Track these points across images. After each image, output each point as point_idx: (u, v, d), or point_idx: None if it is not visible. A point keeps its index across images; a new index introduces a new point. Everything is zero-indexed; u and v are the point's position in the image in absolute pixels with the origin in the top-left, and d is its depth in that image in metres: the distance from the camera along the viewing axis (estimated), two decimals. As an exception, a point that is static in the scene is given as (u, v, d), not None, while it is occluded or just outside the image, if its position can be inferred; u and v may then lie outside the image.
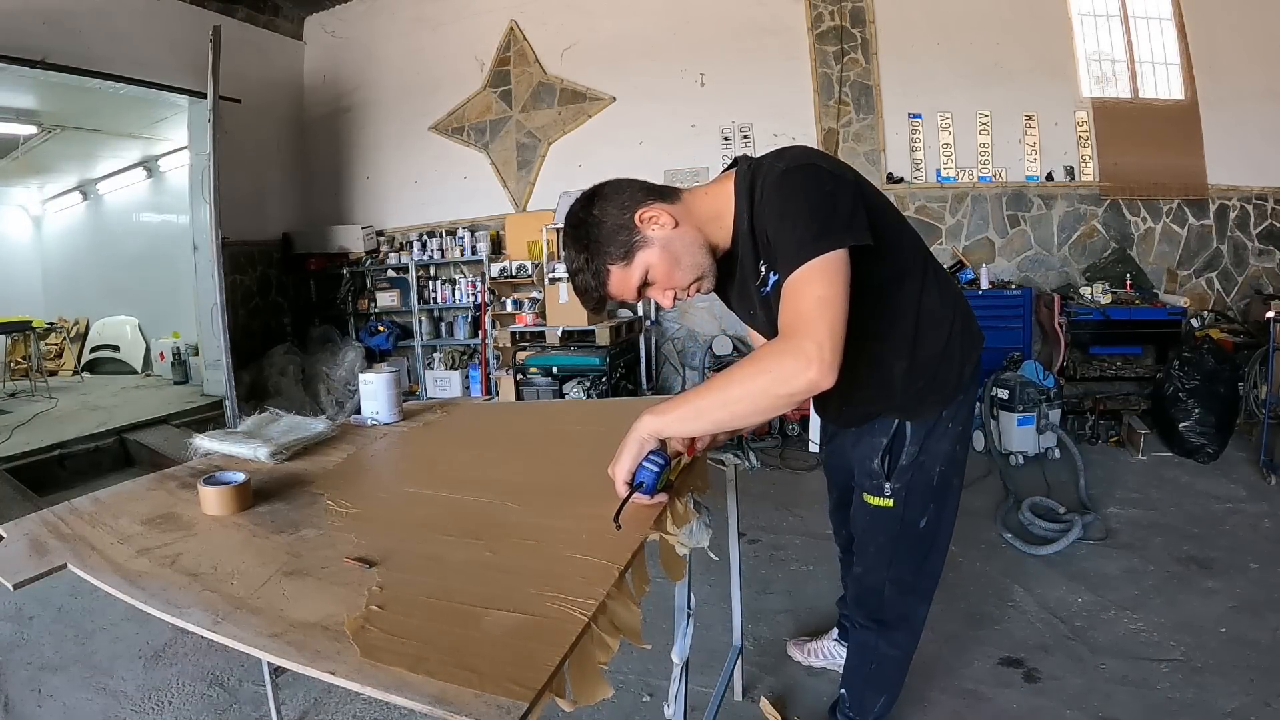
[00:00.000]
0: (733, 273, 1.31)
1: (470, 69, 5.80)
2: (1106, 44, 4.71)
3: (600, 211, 1.23)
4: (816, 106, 4.94)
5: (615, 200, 1.24)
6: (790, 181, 1.15)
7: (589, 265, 1.23)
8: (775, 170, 1.18)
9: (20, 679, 2.23)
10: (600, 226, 1.22)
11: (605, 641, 0.83)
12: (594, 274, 1.24)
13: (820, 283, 1.05)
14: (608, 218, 1.22)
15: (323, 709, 2.01)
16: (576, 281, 1.28)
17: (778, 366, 1.04)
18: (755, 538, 3.00)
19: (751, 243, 1.23)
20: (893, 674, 1.62)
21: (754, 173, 1.22)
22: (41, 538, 1.14)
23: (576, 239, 1.25)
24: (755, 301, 1.29)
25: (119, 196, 7.60)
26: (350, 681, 0.74)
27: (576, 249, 1.25)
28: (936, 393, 1.36)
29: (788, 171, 1.16)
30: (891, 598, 1.53)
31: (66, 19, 4.46)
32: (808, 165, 1.16)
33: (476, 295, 5.78)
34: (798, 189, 1.13)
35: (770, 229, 1.15)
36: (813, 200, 1.11)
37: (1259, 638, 2.13)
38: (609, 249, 1.22)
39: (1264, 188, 4.54)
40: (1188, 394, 3.74)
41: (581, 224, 1.25)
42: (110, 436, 4.61)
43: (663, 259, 1.21)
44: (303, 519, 1.18)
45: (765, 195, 1.17)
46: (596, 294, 1.27)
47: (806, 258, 1.06)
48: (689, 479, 1.28)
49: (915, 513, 1.43)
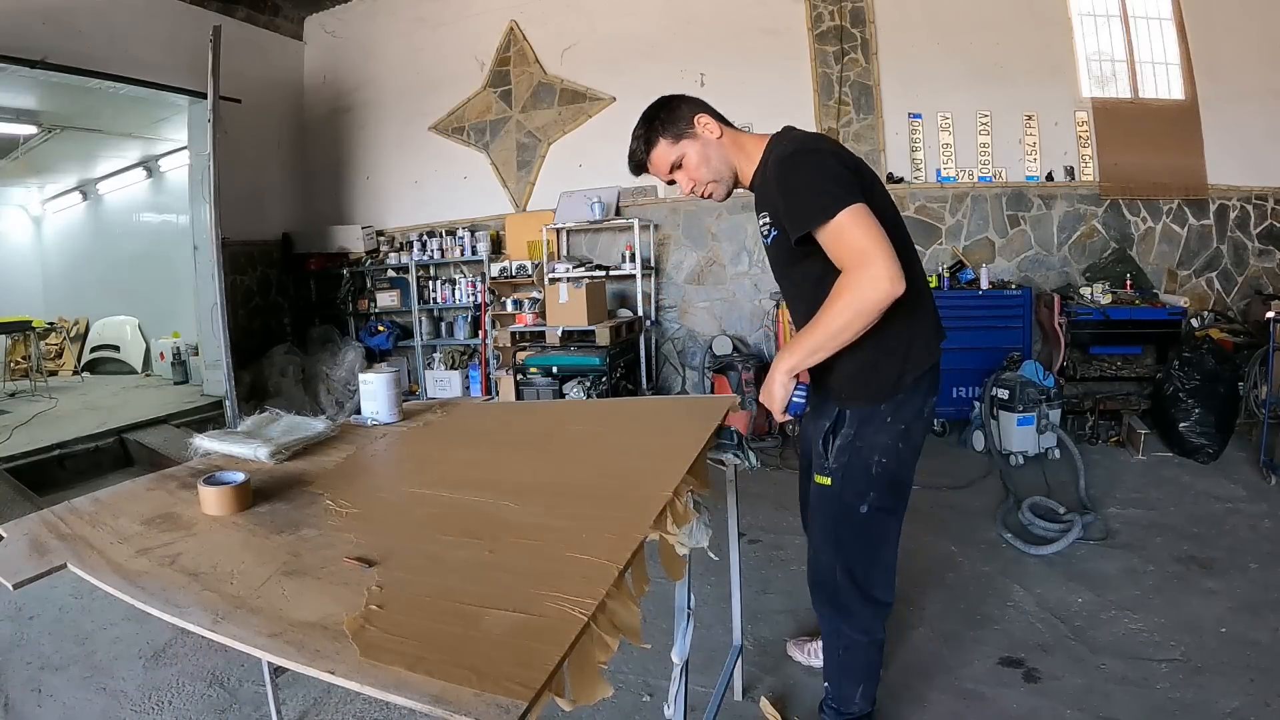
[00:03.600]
0: None
1: (470, 69, 5.80)
2: (1106, 44, 4.71)
3: (678, 103, 1.60)
4: (816, 106, 4.94)
5: (690, 104, 1.60)
6: (794, 161, 1.42)
7: (645, 134, 1.59)
8: (779, 152, 1.48)
9: (20, 679, 2.23)
10: (672, 111, 1.58)
11: (605, 641, 0.83)
12: (645, 141, 1.59)
13: (852, 226, 1.31)
14: (678, 110, 1.59)
15: (323, 709, 2.01)
16: (631, 145, 1.62)
17: (859, 297, 1.30)
18: (755, 538, 3.00)
19: (760, 199, 1.56)
20: (863, 660, 1.66)
21: (770, 149, 1.53)
22: (41, 538, 1.14)
23: (647, 117, 1.60)
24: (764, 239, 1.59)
25: (119, 196, 7.60)
26: (350, 681, 0.74)
27: (644, 121, 1.60)
28: (875, 385, 1.52)
29: (795, 153, 1.43)
30: (845, 585, 1.60)
31: (66, 19, 4.46)
32: (810, 150, 1.43)
33: (476, 295, 5.78)
34: (801, 166, 1.41)
35: (778, 186, 1.43)
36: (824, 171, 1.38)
37: (1259, 638, 2.13)
38: (665, 129, 1.58)
39: (1264, 188, 4.54)
40: (1188, 394, 3.74)
41: (659, 106, 1.61)
42: (110, 436, 4.61)
43: (698, 154, 1.57)
44: (303, 519, 1.18)
45: (774, 168, 1.46)
46: (640, 156, 1.61)
47: (832, 213, 1.32)
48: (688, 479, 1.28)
49: (854, 496, 1.55)
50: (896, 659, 2.13)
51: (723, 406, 1.71)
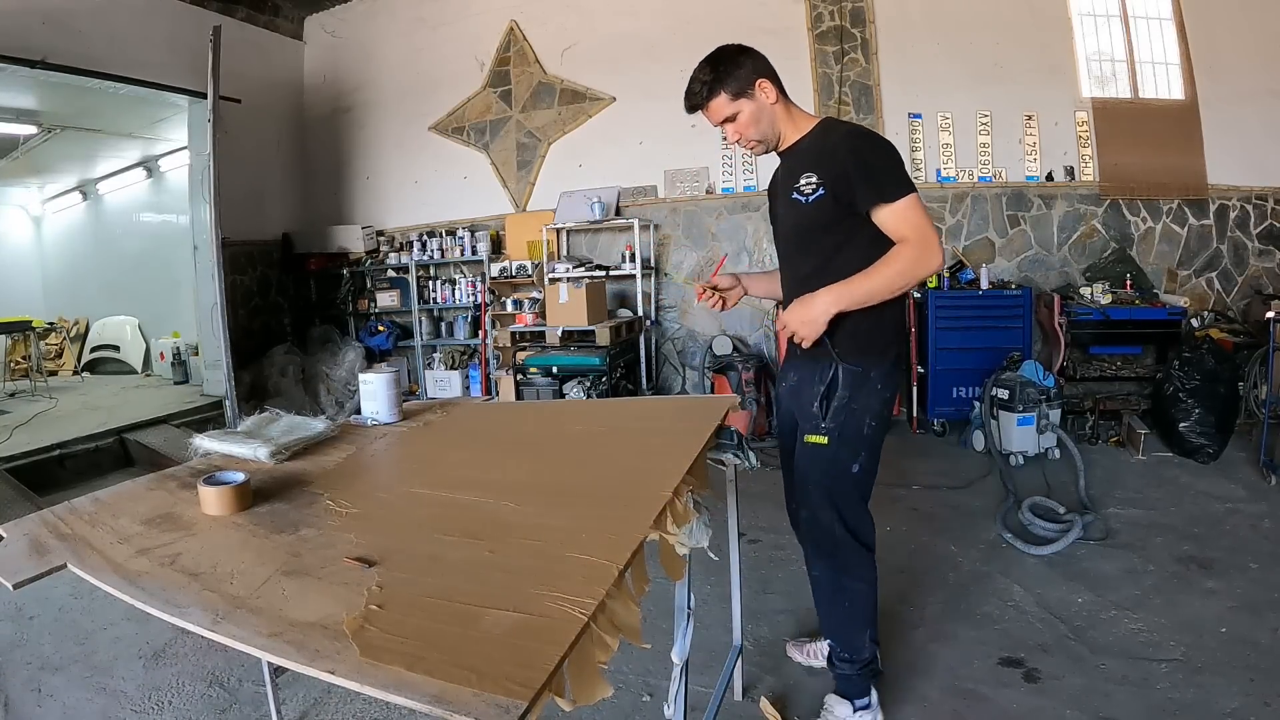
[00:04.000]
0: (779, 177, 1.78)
1: (470, 69, 5.80)
2: (1106, 44, 4.71)
3: (745, 60, 1.65)
4: (816, 106, 4.94)
5: (756, 63, 1.66)
6: (874, 140, 1.65)
7: (710, 80, 1.64)
8: (850, 127, 1.71)
9: (20, 679, 2.23)
10: (738, 68, 1.64)
11: (605, 641, 0.83)
12: (708, 88, 1.65)
13: (916, 209, 1.55)
14: (744, 67, 1.64)
15: (323, 709, 2.01)
16: (692, 86, 1.67)
17: (920, 264, 1.54)
18: (755, 538, 3.00)
19: (806, 162, 1.65)
20: (865, 605, 1.77)
21: (832, 124, 1.71)
22: (41, 538, 1.14)
23: (715, 62, 1.65)
24: (786, 201, 1.70)
25: (119, 196, 7.60)
26: (350, 681, 0.74)
27: (711, 67, 1.65)
28: (868, 350, 1.67)
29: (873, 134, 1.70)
30: (844, 539, 1.72)
31: (66, 19, 4.46)
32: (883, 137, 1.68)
33: (476, 295, 5.78)
34: (880, 146, 1.62)
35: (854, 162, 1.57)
36: (898, 158, 1.61)
37: (1259, 638, 2.13)
38: (730, 82, 1.64)
39: (1264, 188, 4.53)
40: (1188, 394, 3.74)
41: (727, 57, 1.65)
42: (110, 436, 4.61)
43: (750, 114, 1.67)
44: (302, 519, 1.18)
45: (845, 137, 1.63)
46: (698, 100, 1.67)
47: (903, 191, 1.54)
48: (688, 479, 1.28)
49: (849, 455, 1.69)
50: (896, 659, 2.13)
51: (723, 406, 1.71)
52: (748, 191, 5.15)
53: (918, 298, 4.58)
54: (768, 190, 1.89)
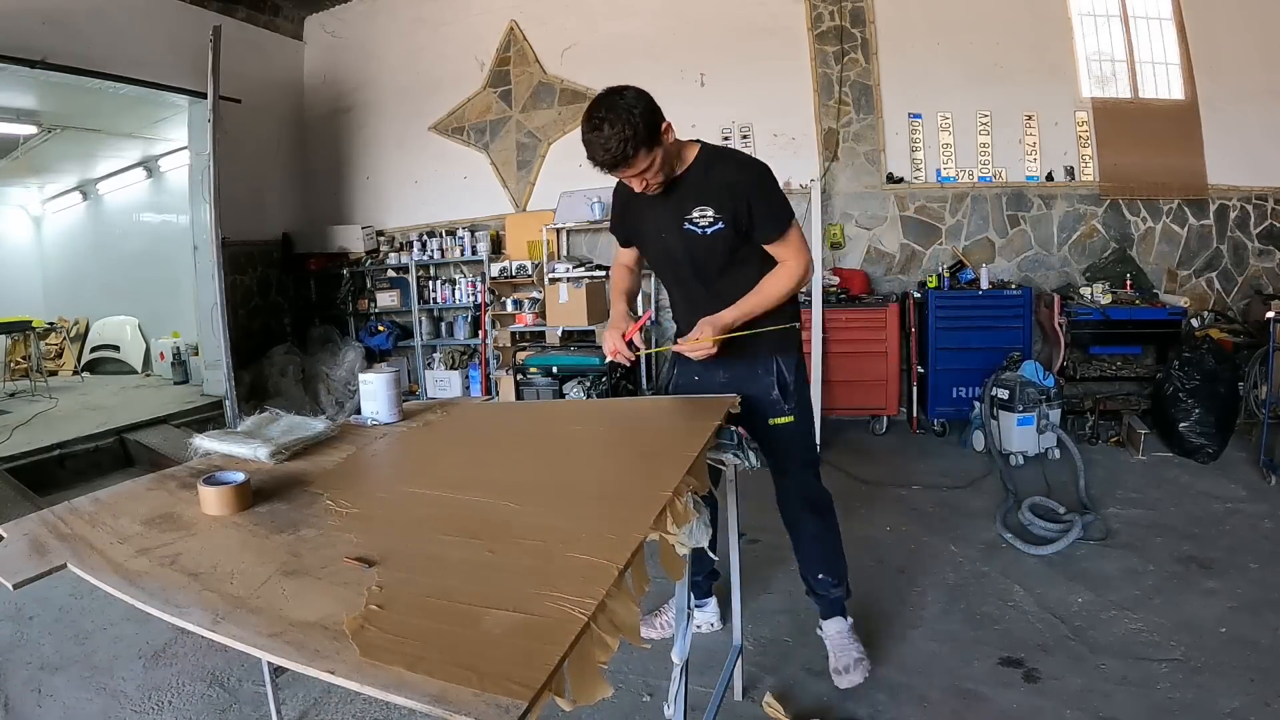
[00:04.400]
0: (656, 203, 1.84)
1: (470, 69, 5.80)
2: (1106, 44, 4.70)
3: (642, 108, 1.65)
4: (816, 106, 4.94)
5: (653, 108, 1.68)
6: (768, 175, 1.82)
7: (630, 137, 1.62)
8: (739, 159, 1.87)
9: (20, 679, 2.23)
10: (644, 118, 1.63)
11: (605, 641, 0.83)
12: (630, 145, 1.63)
13: (799, 233, 1.84)
14: (649, 117, 1.65)
15: (323, 709, 2.01)
16: (610, 144, 1.63)
17: (801, 280, 1.84)
18: (755, 538, 3.00)
19: (699, 193, 1.79)
20: (840, 543, 2.12)
21: (716, 155, 1.84)
22: (41, 538, 1.14)
23: (628, 116, 1.62)
24: (675, 228, 1.83)
25: (119, 196, 7.59)
26: (350, 681, 0.74)
27: (626, 123, 1.61)
28: (794, 340, 1.98)
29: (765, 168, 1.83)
30: (821, 489, 2.09)
31: (66, 19, 4.46)
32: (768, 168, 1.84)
33: (476, 295, 5.78)
34: (773, 180, 1.82)
35: (750, 200, 1.76)
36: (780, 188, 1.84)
37: (1259, 638, 2.13)
38: (647, 138, 1.64)
39: (1264, 188, 4.53)
40: (1188, 394, 3.74)
41: (629, 109, 1.63)
42: (110, 436, 4.61)
43: (661, 160, 1.71)
44: (302, 519, 1.18)
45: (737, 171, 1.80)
46: (620, 158, 1.65)
47: (788, 224, 1.80)
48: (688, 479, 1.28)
49: (807, 423, 2.03)
50: (897, 659, 2.13)
51: (723, 406, 1.71)
52: (748, 191, 5.15)
53: (918, 298, 4.59)
54: (617, 208, 2.00)
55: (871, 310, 4.54)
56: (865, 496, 3.51)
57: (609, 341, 1.88)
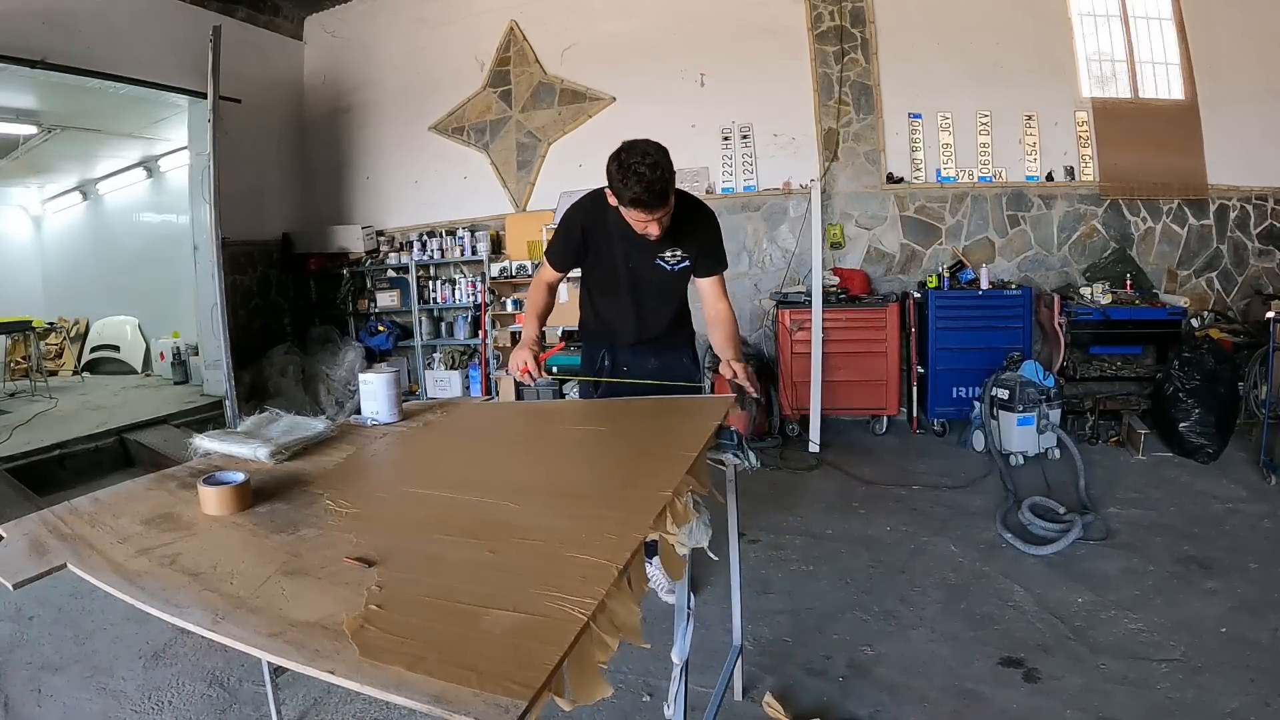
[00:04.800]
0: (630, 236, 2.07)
1: (470, 69, 5.80)
2: (1106, 44, 4.70)
3: (668, 156, 1.88)
4: (816, 106, 4.94)
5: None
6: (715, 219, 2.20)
7: (668, 181, 1.86)
8: (702, 208, 2.18)
9: (20, 679, 2.23)
10: (670, 163, 1.88)
11: (604, 641, 0.83)
12: (670, 188, 1.88)
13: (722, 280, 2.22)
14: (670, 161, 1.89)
15: (323, 709, 2.01)
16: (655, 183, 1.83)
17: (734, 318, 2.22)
18: (755, 538, 3.00)
19: (674, 236, 2.08)
20: None
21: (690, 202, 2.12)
22: (41, 538, 1.14)
23: (663, 162, 1.85)
24: (647, 261, 2.16)
25: (119, 196, 7.59)
26: (349, 681, 0.74)
27: (664, 169, 1.84)
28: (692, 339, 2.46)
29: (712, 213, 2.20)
30: None
31: (66, 19, 4.45)
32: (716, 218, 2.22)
33: (476, 295, 5.78)
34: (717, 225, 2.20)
35: (709, 244, 2.16)
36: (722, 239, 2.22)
37: (1259, 638, 2.13)
38: (674, 185, 1.91)
39: (1264, 188, 4.53)
40: (1188, 394, 3.74)
41: (666, 155, 1.87)
42: (110, 436, 4.61)
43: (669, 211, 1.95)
44: (302, 519, 1.18)
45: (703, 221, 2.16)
46: (661, 199, 1.87)
47: (723, 268, 2.21)
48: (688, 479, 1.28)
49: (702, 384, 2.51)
50: (897, 659, 2.13)
51: (723, 406, 1.71)
52: (748, 191, 5.15)
53: (918, 298, 4.59)
54: (576, 234, 2.24)
55: (871, 310, 4.54)
56: (865, 496, 3.51)
57: (519, 359, 2.01)
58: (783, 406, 4.61)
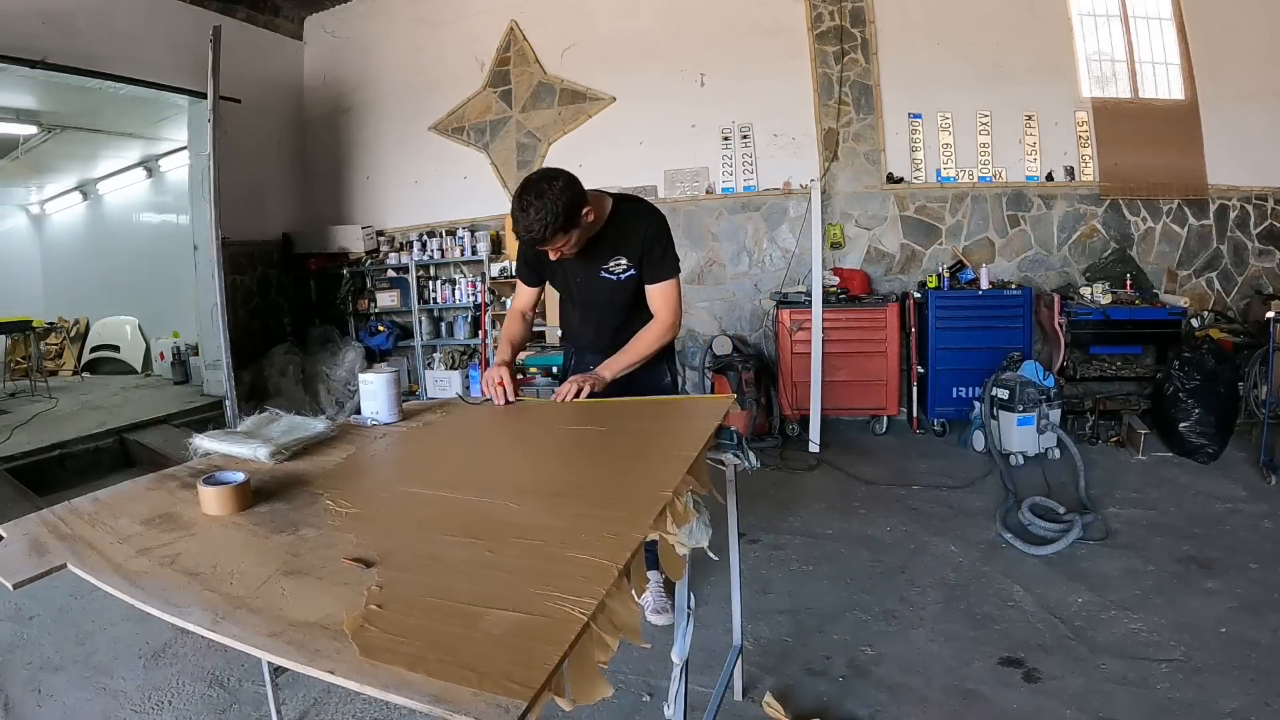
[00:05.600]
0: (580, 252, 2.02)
1: (470, 69, 5.80)
2: (1106, 44, 4.71)
3: (567, 199, 1.80)
4: (816, 106, 4.94)
5: (576, 198, 1.83)
6: (664, 221, 2.10)
7: (550, 225, 1.80)
8: (647, 209, 2.10)
9: (20, 679, 2.23)
10: (566, 208, 1.80)
11: (604, 641, 0.83)
12: (550, 230, 1.81)
13: (675, 289, 2.11)
14: (571, 207, 1.81)
15: (323, 709, 2.01)
16: (534, 229, 1.80)
17: (664, 337, 2.12)
18: (755, 538, 3.00)
19: (614, 245, 2.04)
20: None
21: (628, 206, 2.07)
22: (41, 538, 1.14)
23: (548, 205, 1.78)
24: (592, 275, 2.10)
25: (119, 196, 7.59)
26: (349, 681, 0.74)
27: (547, 212, 1.78)
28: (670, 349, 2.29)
29: (658, 213, 2.11)
30: None
31: (66, 19, 4.46)
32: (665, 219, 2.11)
33: (476, 295, 5.78)
34: (667, 229, 2.09)
35: (648, 248, 2.04)
36: (670, 239, 2.09)
37: (1259, 638, 2.13)
38: (565, 224, 1.82)
39: (1264, 188, 4.53)
40: (1188, 394, 3.74)
41: (555, 198, 1.79)
42: (110, 436, 4.61)
43: (577, 237, 1.90)
44: (302, 519, 1.18)
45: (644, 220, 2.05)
46: (540, 241, 1.85)
47: (671, 276, 2.08)
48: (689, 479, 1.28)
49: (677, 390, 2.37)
50: (896, 659, 2.13)
51: (723, 406, 1.71)
52: (748, 191, 5.15)
53: (918, 298, 4.59)
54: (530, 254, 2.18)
55: (871, 310, 4.55)
56: (865, 496, 3.51)
57: (495, 375, 2.00)
58: (783, 406, 4.61)
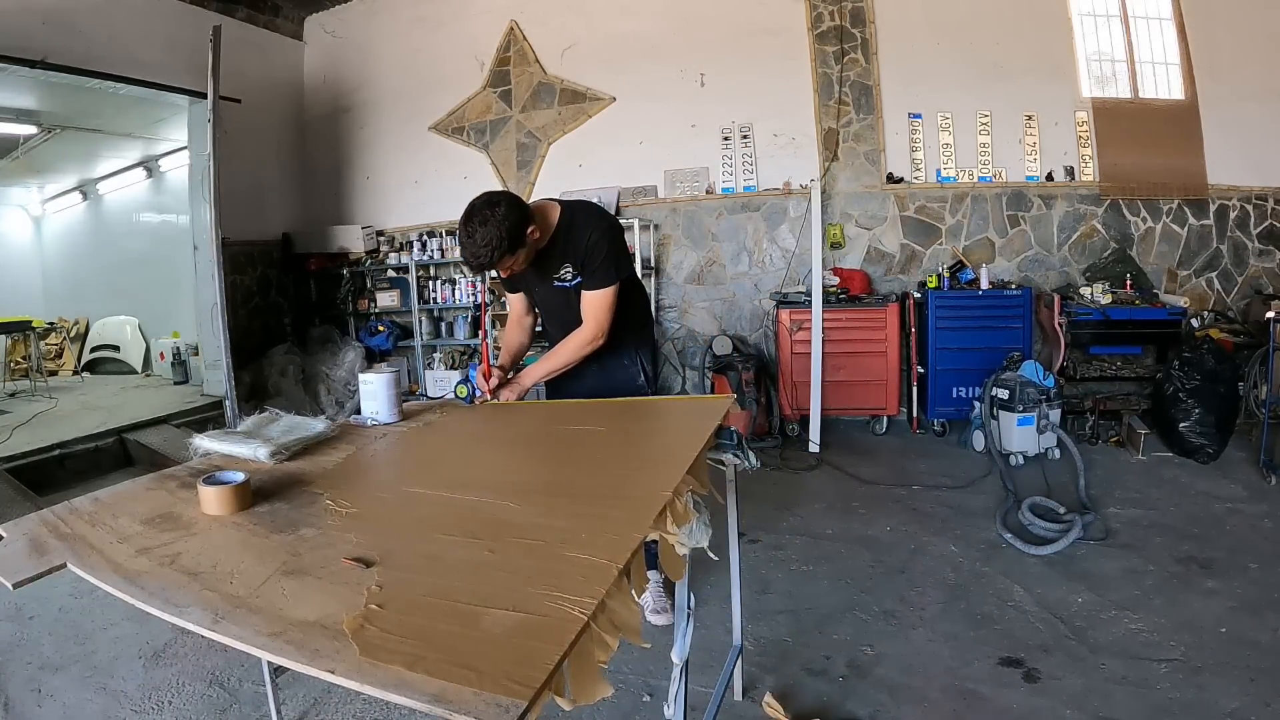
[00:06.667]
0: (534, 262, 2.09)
1: (470, 69, 5.80)
2: (1106, 44, 4.70)
3: (511, 222, 1.87)
4: (816, 106, 4.94)
5: (520, 213, 1.90)
6: (610, 230, 2.12)
7: (495, 249, 1.86)
8: (593, 216, 2.12)
9: (20, 679, 2.23)
10: (510, 232, 1.86)
11: (605, 640, 0.83)
12: (495, 254, 1.87)
13: (607, 299, 2.09)
14: (515, 229, 1.88)
15: (323, 709, 2.01)
16: (480, 254, 1.87)
17: (586, 347, 2.12)
18: (755, 538, 3.00)
19: (563, 253, 2.08)
20: None
21: (574, 215, 2.10)
22: (41, 537, 1.14)
23: (491, 230, 1.84)
24: (548, 285, 2.15)
25: (119, 196, 7.59)
26: (349, 680, 0.74)
27: (492, 236, 1.84)
28: (646, 339, 2.38)
29: (605, 219, 2.15)
30: None
31: (66, 19, 4.46)
32: (613, 225, 2.16)
33: (476, 295, 5.78)
34: (612, 238, 2.10)
35: (587, 255, 2.05)
36: (613, 247, 2.09)
37: (1259, 638, 2.13)
38: (508, 244, 1.88)
39: (1264, 188, 4.53)
40: (1188, 394, 3.74)
41: (499, 223, 1.85)
42: (110, 436, 4.61)
43: (524, 256, 1.98)
44: (302, 519, 1.18)
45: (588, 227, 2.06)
46: (487, 265, 1.91)
47: (604, 285, 2.08)
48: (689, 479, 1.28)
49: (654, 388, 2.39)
50: (896, 659, 2.13)
51: (723, 406, 1.71)
52: (748, 191, 5.15)
53: (918, 298, 4.59)
54: None
55: (871, 310, 4.55)
56: (865, 496, 3.51)
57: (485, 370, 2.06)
58: (783, 406, 4.61)
